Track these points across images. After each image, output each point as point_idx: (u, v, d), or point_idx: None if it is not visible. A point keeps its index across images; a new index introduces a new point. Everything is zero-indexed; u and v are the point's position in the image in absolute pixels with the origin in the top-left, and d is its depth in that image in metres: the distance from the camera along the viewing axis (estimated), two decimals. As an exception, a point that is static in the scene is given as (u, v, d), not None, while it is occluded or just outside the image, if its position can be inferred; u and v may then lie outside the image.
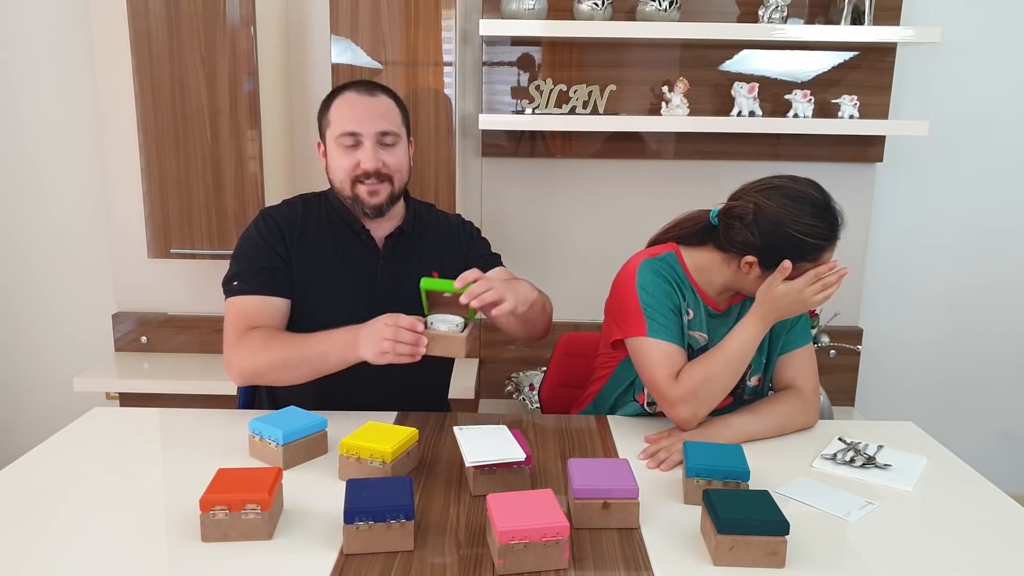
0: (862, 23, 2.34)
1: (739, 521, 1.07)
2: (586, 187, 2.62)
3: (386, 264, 1.67)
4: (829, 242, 1.46)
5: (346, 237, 1.66)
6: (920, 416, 2.31)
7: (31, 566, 1.06)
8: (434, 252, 1.73)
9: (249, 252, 1.61)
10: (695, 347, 1.58)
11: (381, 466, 1.27)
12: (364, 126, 1.59)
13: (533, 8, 2.29)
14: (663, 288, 1.54)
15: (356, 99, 1.61)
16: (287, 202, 1.70)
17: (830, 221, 1.45)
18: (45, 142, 2.62)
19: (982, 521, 1.23)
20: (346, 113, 1.60)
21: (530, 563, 1.05)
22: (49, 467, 1.36)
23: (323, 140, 1.66)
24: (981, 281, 2.74)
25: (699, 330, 1.58)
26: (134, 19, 2.20)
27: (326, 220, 1.67)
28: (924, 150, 2.63)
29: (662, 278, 1.54)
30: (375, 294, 1.64)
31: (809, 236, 1.44)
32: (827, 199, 1.47)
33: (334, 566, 1.06)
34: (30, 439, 1.64)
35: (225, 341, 1.58)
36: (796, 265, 1.45)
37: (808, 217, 1.44)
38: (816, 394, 1.59)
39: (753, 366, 1.59)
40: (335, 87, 1.68)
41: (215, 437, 1.48)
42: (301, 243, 1.63)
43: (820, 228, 1.44)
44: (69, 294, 2.73)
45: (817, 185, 1.49)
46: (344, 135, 1.58)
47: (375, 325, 1.45)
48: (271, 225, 1.63)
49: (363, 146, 1.59)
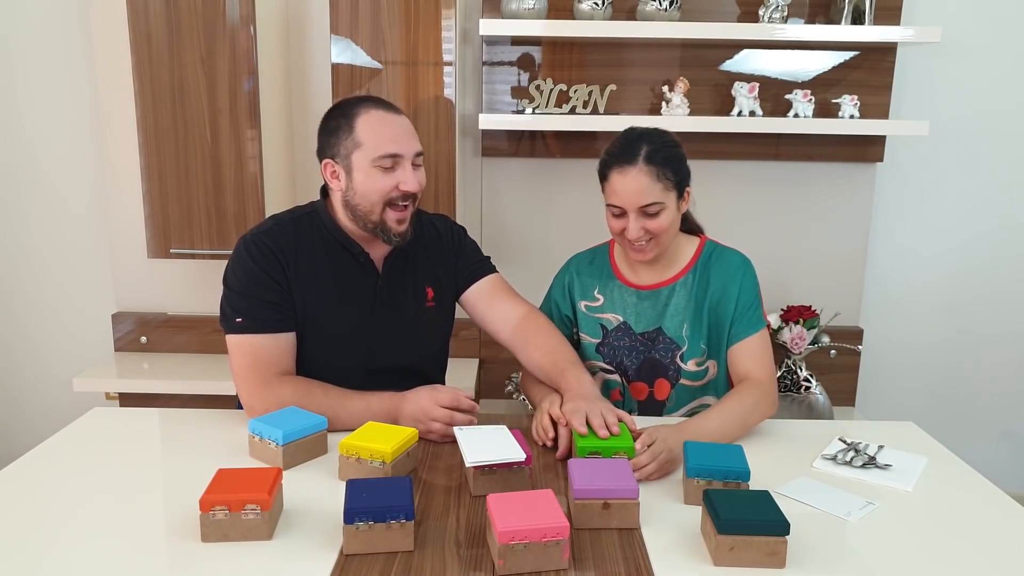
0: (862, 23, 2.34)
1: (739, 521, 1.07)
2: (586, 187, 2.60)
3: (385, 286, 1.62)
4: (612, 159, 1.56)
5: (344, 261, 1.59)
6: (920, 416, 2.31)
7: (31, 566, 1.06)
8: (428, 267, 1.68)
9: (250, 284, 1.52)
10: (608, 328, 1.70)
11: (381, 466, 1.27)
12: (405, 147, 1.52)
13: (533, 8, 2.28)
14: (556, 286, 1.78)
15: (388, 117, 1.53)
16: (276, 223, 1.59)
17: (622, 141, 1.57)
18: (45, 142, 2.62)
19: (982, 521, 1.23)
20: (384, 132, 1.51)
21: (530, 563, 1.05)
22: (49, 467, 1.35)
23: (338, 160, 1.53)
24: (981, 280, 2.74)
25: (612, 312, 1.70)
26: (134, 19, 2.20)
27: (321, 243, 1.58)
28: (924, 150, 2.63)
29: (562, 277, 1.77)
30: (375, 316, 1.61)
31: (604, 153, 1.59)
32: (638, 130, 1.60)
33: (334, 566, 1.06)
34: (30, 439, 1.64)
35: (241, 383, 1.51)
36: (601, 186, 1.60)
37: (615, 138, 1.60)
38: (772, 382, 1.58)
39: (687, 348, 1.63)
40: (346, 101, 1.57)
41: (215, 437, 1.48)
42: (298, 270, 1.55)
43: (611, 145, 1.58)
44: (69, 294, 2.73)
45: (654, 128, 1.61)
46: (385, 156, 1.49)
47: (418, 406, 1.48)
48: (267, 253, 1.53)
49: (402, 167, 1.52)
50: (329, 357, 1.58)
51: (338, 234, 1.59)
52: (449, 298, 1.73)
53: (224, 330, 1.53)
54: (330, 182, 1.56)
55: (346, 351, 1.59)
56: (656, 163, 1.53)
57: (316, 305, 1.56)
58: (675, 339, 1.64)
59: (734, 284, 1.62)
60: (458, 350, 2.65)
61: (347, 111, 1.54)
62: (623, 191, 1.53)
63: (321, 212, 1.60)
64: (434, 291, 1.68)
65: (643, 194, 1.52)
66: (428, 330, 1.69)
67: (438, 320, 1.71)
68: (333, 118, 1.55)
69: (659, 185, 1.53)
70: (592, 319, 1.72)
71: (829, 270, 2.67)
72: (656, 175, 1.53)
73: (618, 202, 1.55)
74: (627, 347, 1.68)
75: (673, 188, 1.56)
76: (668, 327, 1.65)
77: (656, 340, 1.66)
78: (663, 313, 1.66)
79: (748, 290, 1.62)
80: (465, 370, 2.53)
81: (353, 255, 1.59)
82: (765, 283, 1.69)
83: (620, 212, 1.56)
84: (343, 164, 1.53)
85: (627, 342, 1.68)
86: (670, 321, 1.65)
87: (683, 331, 1.64)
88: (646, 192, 1.52)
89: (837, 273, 2.67)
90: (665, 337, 1.65)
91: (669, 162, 1.55)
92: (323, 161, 1.56)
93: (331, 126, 1.55)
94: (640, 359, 1.67)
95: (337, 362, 1.58)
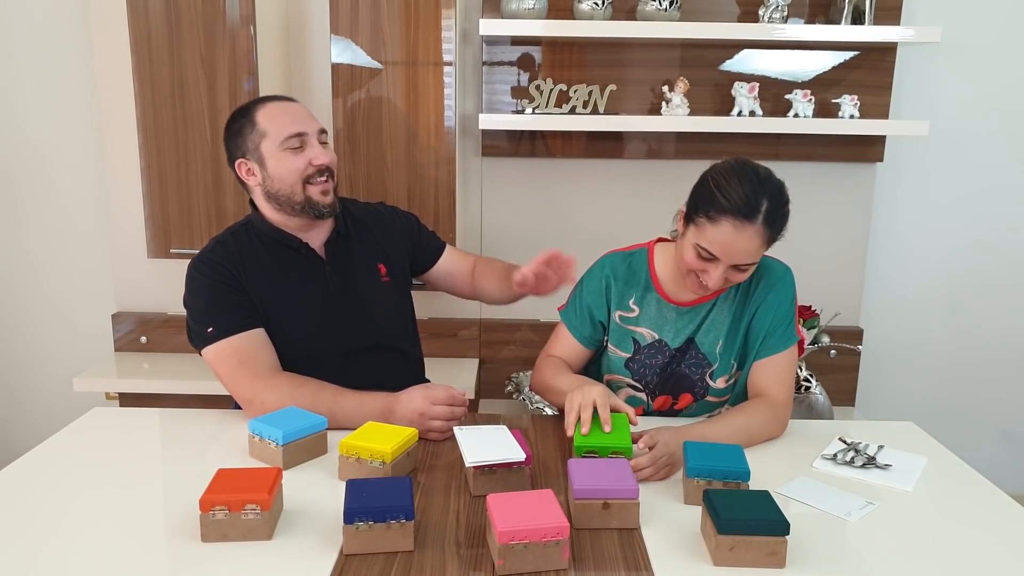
0: (862, 23, 2.34)
1: (739, 521, 1.07)
2: (586, 187, 2.61)
3: (333, 270, 1.67)
4: (732, 208, 1.38)
5: (287, 256, 1.64)
6: (920, 416, 2.31)
7: (31, 566, 1.06)
8: (374, 246, 1.75)
9: (206, 298, 1.57)
10: (642, 343, 1.60)
11: (381, 466, 1.27)
12: (307, 125, 1.61)
13: (533, 8, 2.28)
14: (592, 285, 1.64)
15: (284, 105, 1.63)
16: (217, 241, 1.66)
17: (746, 190, 1.39)
18: (45, 142, 2.62)
19: (982, 521, 1.23)
20: (282, 118, 1.60)
21: (530, 563, 1.05)
22: (49, 467, 1.35)
23: (249, 155, 1.61)
24: (981, 280, 2.74)
25: (647, 327, 1.60)
26: (134, 19, 2.20)
27: (261, 247, 1.64)
28: (924, 150, 2.63)
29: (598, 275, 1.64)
30: (331, 302, 1.66)
31: (718, 189, 1.41)
32: (760, 177, 1.42)
33: (334, 566, 1.06)
34: (30, 439, 1.64)
35: (233, 384, 1.54)
36: (695, 216, 1.43)
37: (732, 175, 1.42)
38: (788, 405, 1.54)
39: (719, 366, 1.58)
40: (240, 108, 1.66)
41: (215, 437, 1.48)
42: (248, 277, 1.60)
43: (732, 188, 1.40)
44: (69, 294, 2.72)
45: (769, 172, 1.45)
46: (291, 137, 1.58)
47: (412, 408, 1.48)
48: (216, 267, 1.59)
49: (309, 145, 1.61)
50: (300, 350, 1.62)
51: (275, 233, 1.65)
52: (404, 274, 1.81)
53: (198, 348, 1.57)
54: (247, 180, 1.64)
55: (314, 342, 1.63)
56: (773, 227, 1.41)
57: (273, 305, 1.60)
58: (707, 355, 1.58)
59: (775, 295, 1.55)
60: (458, 350, 2.65)
61: (246, 112, 1.64)
62: (731, 246, 1.40)
63: (255, 219, 1.67)
64: (387, 267, 1.74)
65: (748, 255, 1.41)
66: (390, 305, 1.75)
67: (396, 294, 1.77)
68: (235, 121, 1.64)
69: (764, 248, 1.43)
70: (625, 331, 1.62)
71: (829, 270, 2.67)
72: (768, 239, 1.42)
73: (717, 252, 1.41)
74: (658, 365, 1.60)
75: (771, 244, 1.46)
76: (702, 341, 1.58)
77: (687, 353, 1.59)
78: (699, 326, 1.58)
79: (786, 302, 1.56)
80: (465, 370, 2.53)
81: (294, 249, 1.65)
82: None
83: (710, 258, 1.43)
84: (254, 157, 1.61)
85: (659, 360, 1.60)
86: (705, 336, 1.57)
87: (717, 348, 1.57)
88: (751, 254, 1.41)
89: (837, 273, 2.67)
90: (697, 352, 1.58)
91: (782, 225, 1.43)
92: (236, 163, 1.63)
93: (234, 128, 1.64)
94: (668, 373, 1.60)
95: (309, 353, 1.62)
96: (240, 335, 1.55)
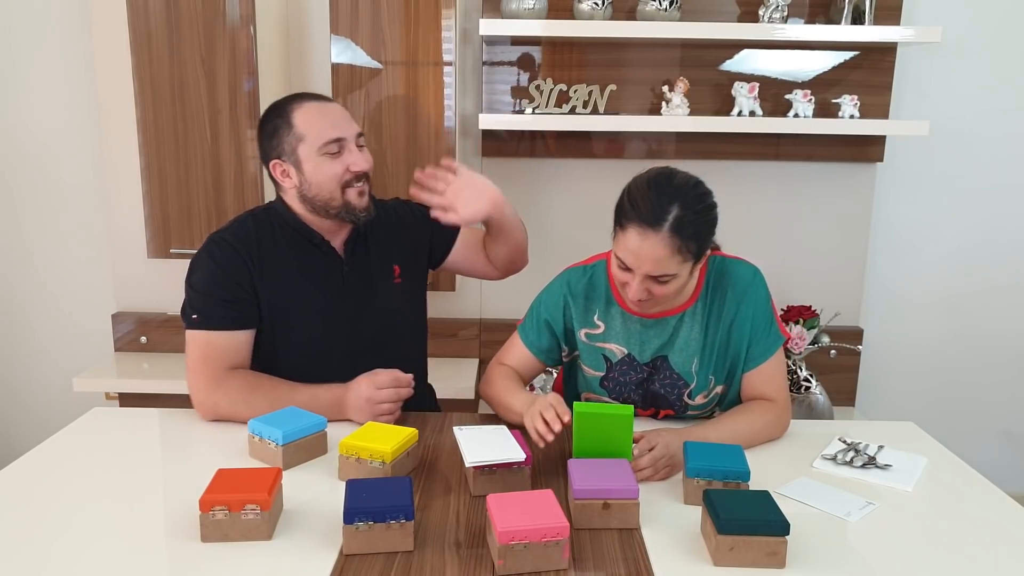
0: (862, 23, 2.34)
1: (739, 521, 1.07)
2: (586, 187, 2.61)
3: (350, 270, 1.66)
4: (637, 215, 1.35)
5: (306, 251, 1.62)
6: (920, 416, 2.31)
7: (31, 566, 1.06)
8: (391, 246, 1.73)
9: (207, 283, 1.56)
10: (613, 360, 1.55)
11: (381, 466, 1.27)
12: (346, 130, 1.58)
13: (533, 8, 2.28)
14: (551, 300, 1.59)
15: (322, 107, 1.59)
16: (237, 221, 1.64)
17: (653, 197, 1.35)
18: (45, 142, 2.62)
19: (982, 521, 1.23)
20: (321, 122, 1.56)
21: (530, 563, 1.05)
22: (49, 467, 1.35)
23: (285, 158, 1.57)
24: (981, 280, 2.74)
25: (615, 342, 1.54)
26: (134, 19, 2.20)
27: (281, 236, 1.62)
28: (924, 150, 2.63)
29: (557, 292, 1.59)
30: (345, 302, 1.64)
31: (628, 197, 1.40)
32: (673, 184, 1.38)
33: (334, 566, 1.06)
34: (30, 439, 1.64)
35: (192, 376, 1.55)
36: (614, 225, 1.42)
37: (645, 183, 1.40)
38: (788, 406, 1.52)
39: (696, 384, 1.52)
40: (276, 103, 1.61)
41: (215, 437, 1.48)
42: (262, 264, 1.58)
43: (641, 195, 1.37)
44: (69, 294, 2.72)
45: (688, 180, 1.40)
46: (330, 143, 1.55)
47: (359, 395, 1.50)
48: (227, 251, 1.57)
49: (348, 150, 1.57)
50: (306, 345, 1.62)
51: (298, 226, 1.62)
52: (420, 271, 1.80)
53: (184, 325, 1.58)
54: (282, 181, 1.61)
55: (322, 337, 1.63)
56: (682, 235, 1.33)
57: (285, 296, 1.60)
58: (682, 375, 1.52)
59: (747, 305, 1.49)
60: (458, 350, 2.65)
61: (281, 111, 1.59)
62: (637, 254, 1.36)
63: (279, 207, 1.64)
64: (401, 268, 1.73)
65: (657, 264, 1.35)
66: (401, 305, 1.74)
67: (408, 294, 1.76)
68: (270, 120, 1.60)
69: (677, 258, 1.35)
70: (594, 349, 1.56)
71: (829, 270, 2.67)
72: (678, 248, 1.34)
73: (628, 262, 1.38)
74: (633, 382, 1.55)
75: (692, 259, 1.38)
76: (675, 361, 1.52)
77: (660, 370, 1.53)
78: (670, 343, 1.52)
79: (762, 306, 1.50)
80: (465, 370, 2.53)
81: (315, 245, 1.63)
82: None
83: (626, 268, 1.40)
84: (291, 160, 1.57)
85: (633, 376, 1.55)
86: (678, 356, 1.51)
87: (692, 367, 1.51)
88: (661, 263, 1.35)
89: (837, 273, 2.67)
90: (671, 371, 1.52)
91: (696, 234, 1.36)
92: (270, 163, 1.60)
93: (269, 128, 1.60)
94: (644, 391, 1.56)
95: (315, 348, 1.62)
96: (220, 332, 1.54)
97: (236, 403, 1.51)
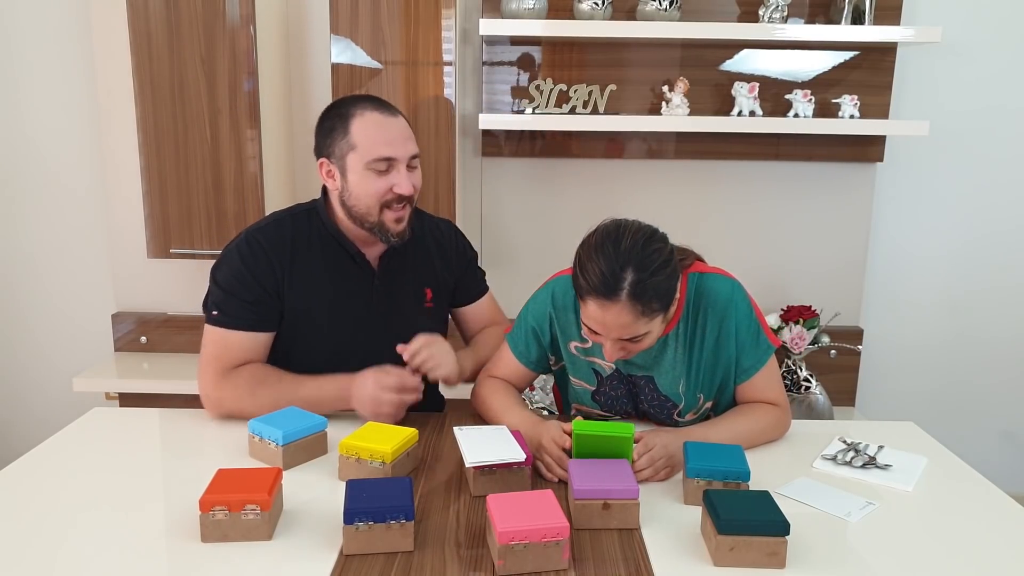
0: (862, 23, 2.34)
1: (739, 521, 1.07)
2: (586, 187, 2.61)
3: (381, 284, 1.62)
4: (591, 288, 1.30)
5: (340, 259, 1.59)
6: (921, 416, 2.31)
7: (31, 566, 1.06)
8: (427, 266, 1.68)
9: (231, 281, 1.54)
10: (603, 375, 1.53)
11: (381, 466, 1.27)
12: (399, 150, 1.51)
13: (533, 8, 2.28)
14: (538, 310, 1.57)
15: (384, 120, 1.52)
16: (275, 220, 1.60)
17: (603, 267, 1.29)
18: (45, 142, 2.62)
19: (982, 521, 1.23)
20: (378, 136, 1.50)
21: (530, 563, 1.05)
22: (49, 467, 1.35)
23: (333, 160, 1.53)
24: (981, 280, 2.74)
25: (601, 356, 1.47)
26: (134, 19, 2.20)
27: (318, 241, 1.58)
28: (924, 150, 2.63)
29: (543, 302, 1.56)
30: (372, 315, 1.61)
31: (580, 268, 1.34)
32: (620, 249, 1.31)
33: (334, 566, 1.06)
34: (30, 439, 1.63)
35: (202, 371, 1.54)
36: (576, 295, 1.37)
37: (592, 251, 1.33)
38: (788, 408, 1.52)
39: (684, 404, 1.51)
40: (342, 100, 1.56)
41: (215, 437, 1.48)
42: (292, 268, 1.55)
43: (591, 266, 1.31)
44: (69, 294, 2.72)
45: (636, 240, 1.32)
46: (379, 160, 1.49)
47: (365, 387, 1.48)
48: (257, 252, 1.54)
49: (396, 170, 1.51)
50: (324, 353, 1.59)
51: (335, 232, 1.59)
52: (445, 301, 1.75)
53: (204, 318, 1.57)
54: (326, 180, 1.57)
55: (341, 348, 1.60)
56: (643, 299, 1.29)
57: (311, 301, 1.57)
58: (670, 396, 1.51)
59: (729, 320, 1.46)
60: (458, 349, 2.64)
61: (343, 111, 1.53)
62: (602, 324, 1.33)
63: (320, 210, 1.61)
64: (432, 292, 1.69)
65: (624, 329, 1.32)
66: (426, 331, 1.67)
67: (434, 320, 1.71)
68: (329, 118, 1.55)
69: (643, 320, 1.31)
70: (584, 363, 1.55)
71: (829, 270, 2.67)
72: (640, 312, 1.30)
73: (596, 329, 1.35)
74: (625, 395, 1.55)
75: (660, 313, 1.33)
76: (662, 383, 1.50)
77: (647, 390, 1.52)
78: (655, 365, 1.50)
79: (744, 319, 1.46)
80: (465, 370, 2.52)
81: (350, 255, 1.59)
82: (765, 284, 1.68)
83: (595, 333, 1.37)
84: (338, 164, 1.53)
85: (623, 390, 1.55)
86: (664, 378, 1.50)
87: (679, 388, 1.50)
88: (628, 328, 1.32)
89: (837, 273, 2.67)
90: (659, 394, 1.51)
91: (656, 293, 1.31)
92: (319, 160, 1.57)
93: (327, 126, 1.55)
94: (635, 405, 1.56)
95: (332, 358, 1.59)
96: (237, 332, 1.53)
97: (242, 398, 1.50)
